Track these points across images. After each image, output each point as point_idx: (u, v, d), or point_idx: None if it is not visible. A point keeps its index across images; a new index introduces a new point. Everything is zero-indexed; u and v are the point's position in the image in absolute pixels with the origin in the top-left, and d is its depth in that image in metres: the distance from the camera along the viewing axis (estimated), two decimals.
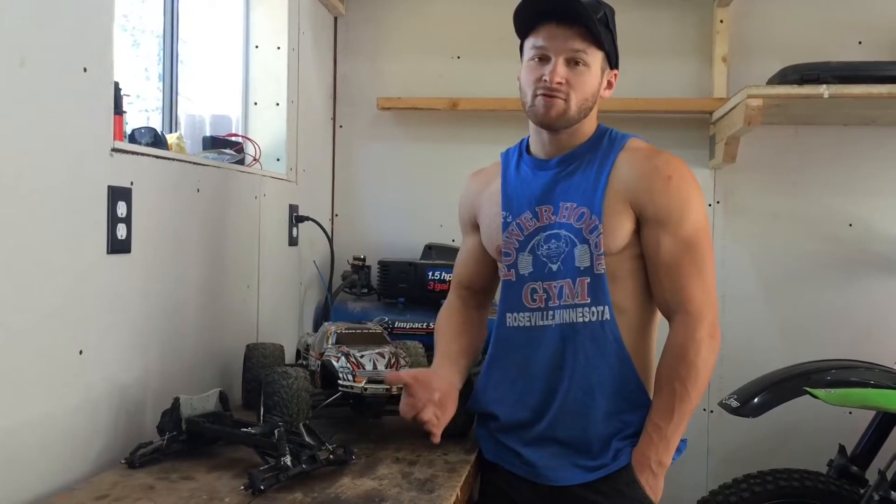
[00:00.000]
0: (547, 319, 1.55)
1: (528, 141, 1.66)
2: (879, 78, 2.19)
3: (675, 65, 2.70)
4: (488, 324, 1.76)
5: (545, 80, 1.51)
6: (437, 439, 1.54)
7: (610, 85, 1.60)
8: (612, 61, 1.58)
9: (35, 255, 1.28)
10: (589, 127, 1.59)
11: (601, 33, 1.51)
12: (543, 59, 1.52)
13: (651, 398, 1.51)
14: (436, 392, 1.55)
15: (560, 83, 1.51)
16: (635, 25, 2.70)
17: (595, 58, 1.53)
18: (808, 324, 2.65)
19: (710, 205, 2.68)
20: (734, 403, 2.03)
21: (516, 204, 1.61)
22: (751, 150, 2.62)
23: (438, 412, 1.54)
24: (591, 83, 1.53)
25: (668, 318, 1.53)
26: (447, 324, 1.75)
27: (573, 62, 1.51)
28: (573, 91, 1.51)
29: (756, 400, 2.02)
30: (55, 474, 1.35)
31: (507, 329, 1.61)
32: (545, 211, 1.57)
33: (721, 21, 2.62)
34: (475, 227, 1.74)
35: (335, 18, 2.84)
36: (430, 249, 2.62)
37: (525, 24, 1.55)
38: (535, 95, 1.53)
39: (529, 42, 1.55)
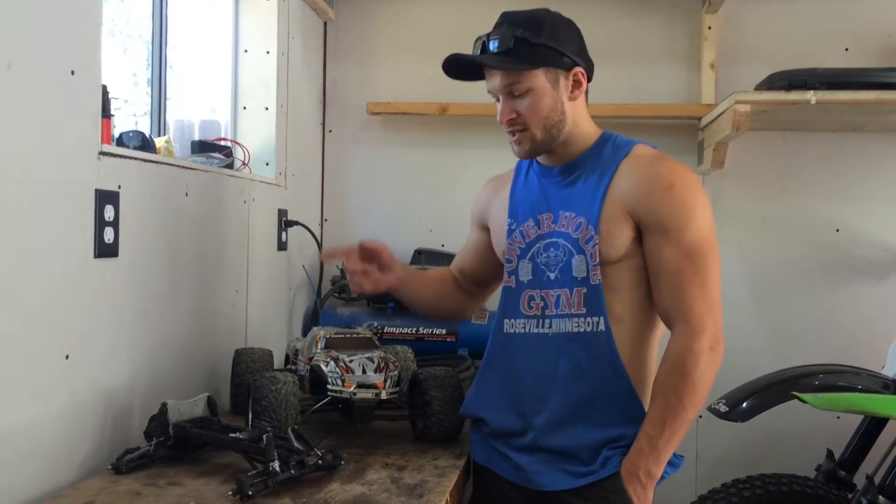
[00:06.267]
0: (543, 328, 1.54)
1: None
2: (866, 84, 2.20)
3: (663, 71, 2.71)
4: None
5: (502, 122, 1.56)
6: (359, 290, 1.75)
7: (578, 84, 1.53)
8: (566, 62, 1.51)
9: (21, 259, 1.27)
10: (584, 133, 1.57)
11: (527, 55, 1.48)
12: (497, 99, 1.56)
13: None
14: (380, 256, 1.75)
15: (512, 119, 1.53)
16: (624, 32, 2.71)
17: (534, 78, 1.49)
18: (796, 328, 2.66)
19: None
20: (723, 408, 2.03)
21: (521, 211, 1.62)
22: (739, 156, 2.63)
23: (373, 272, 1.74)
24: (542, 103, 1.51)
25: (669, 329, 1.51)
26: (433, 271, 1.89)
27: (514, 94, 1.52)
28: (528, 119, 1.52)
29: (744, 404, 2.02)
30: (40, 480, 1.34)
31: (503, 335, 1.60)
32: (546, 219, 1.57)
33: (709, 28, 2.63)
34: (481, 227, 1.77)
35: (325, 23, 2.84)
36: (419, 254, 2.62)
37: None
38: (509, 134, 1.57)
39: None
